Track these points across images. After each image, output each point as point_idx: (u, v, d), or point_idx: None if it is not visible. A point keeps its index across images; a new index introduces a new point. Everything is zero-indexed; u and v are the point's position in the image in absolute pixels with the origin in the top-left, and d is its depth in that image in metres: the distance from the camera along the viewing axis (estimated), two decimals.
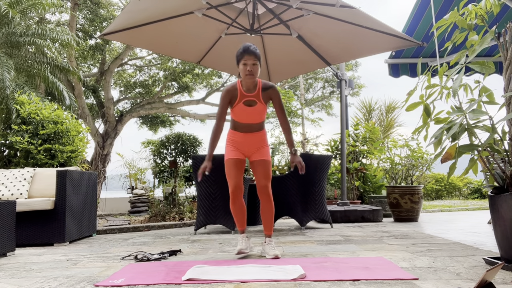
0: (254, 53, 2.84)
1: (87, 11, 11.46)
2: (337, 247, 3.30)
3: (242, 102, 2.92)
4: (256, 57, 2.85)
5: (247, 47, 2.85)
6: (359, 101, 15.68)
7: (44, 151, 5.03)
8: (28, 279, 2.35)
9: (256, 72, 2.86)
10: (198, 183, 4.48)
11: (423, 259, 2.64)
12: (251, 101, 2.93)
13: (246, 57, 2.83)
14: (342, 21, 4.44)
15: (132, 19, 4.31)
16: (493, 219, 2.43)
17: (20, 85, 7.13)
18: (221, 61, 5.64)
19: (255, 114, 2.94)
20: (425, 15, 4.99)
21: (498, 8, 2.40)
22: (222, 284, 2.08)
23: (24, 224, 3.92)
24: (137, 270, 2.49)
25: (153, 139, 7.65)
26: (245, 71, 2.84)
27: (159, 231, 5.10)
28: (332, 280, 2.10)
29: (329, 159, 4.86)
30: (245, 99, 2.92)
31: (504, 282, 1.99)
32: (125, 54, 11.82)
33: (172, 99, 14.80)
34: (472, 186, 13.69)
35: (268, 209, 2.97)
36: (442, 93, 2.48)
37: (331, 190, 7.56)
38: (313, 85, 16.23)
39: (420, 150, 6.15)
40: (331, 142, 7.90)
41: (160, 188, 7.39)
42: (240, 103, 2.92)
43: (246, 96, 2.92)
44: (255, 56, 2.84)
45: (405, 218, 5.55)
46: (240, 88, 2.93)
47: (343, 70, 6.50)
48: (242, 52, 2.85)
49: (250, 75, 2.84)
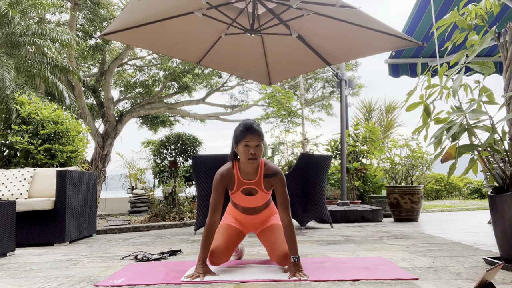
0: (258, 132, 2.30)
1: (87, 11, 11.46)
2: (337, 247, 3.30)
3: (240, 190, 2.42)
4: (260, 137, 2.32)
5: (250, 125, 2.30)
6: (359, 101, 15.67)
7: (44, 151, 5.03)
8: (28, 279, 2.35)
9: (259, 156, 2.31)
10: (198, 183, 4.48)
11: (423, 259, 2.64)
12: (251, 190, 2.42)
13: (249, 137, 2.28)
14: (342, 21, 4.43)
15: (132, 19, 4.30)
16: (493, 219, 2.43)
17: (20, 85, 7.13)
18: (221, 61, 5.64)
19: (256, 201, 2.46)
20: (425, 15, 4.99)
21: (498, 8, 2.40)
22: (222, 284, 2.08)
23: (24, 224, 3.92)
24: (137, 270, 2.49)
25: (153, 139, 7.65)
26: (247, 155, 2.28)
27: (159, 231, 5.10)
28: (332, 280, 2.10)
29: (329, 159, 4.86)
30: (243, 187, 2.41)
31: (504, 282, 1.99)
32: (125, 54, 11.83)
33: (172, 99, 14.80)
34: (472, 186, 13.69)
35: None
36: (442, 93, 2.48)
37: (331, 190, 7.56)
38: (313, 85, 16.23)
39: (420, 150, 6.15)
40: (331, 142, 7.90)
41: (160, 188, 7.39)
42: (238, 191, 2.42)
43: (244, 183, 2.40)
44: (259, 135, 2.30)
45: (405, 218, 5.55)
46: (238, 174, 2.39)
47: (343, 70, 6.50)
48: (244, 131, 2.30)
49: (253, 159, 2.29)
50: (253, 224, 2.59)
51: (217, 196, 2.37)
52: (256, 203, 2.48)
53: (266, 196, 2.46)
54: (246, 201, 2.47)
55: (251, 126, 2.30)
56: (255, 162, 2.32)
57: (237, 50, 5.39)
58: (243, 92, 15.96)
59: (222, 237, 2.42)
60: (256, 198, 2.45)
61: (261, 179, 2.39)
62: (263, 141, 2.39)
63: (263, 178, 2.39)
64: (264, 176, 2.39)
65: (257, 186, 2.40)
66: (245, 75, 7.19)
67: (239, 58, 5.60)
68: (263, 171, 2.40)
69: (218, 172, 2.40)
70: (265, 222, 2.58)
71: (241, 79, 14.34)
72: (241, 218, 2.57)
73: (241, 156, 2.33)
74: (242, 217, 2.57)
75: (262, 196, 2.44)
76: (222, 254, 2.36)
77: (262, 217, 2.58)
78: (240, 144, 2.31)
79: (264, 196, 2.46)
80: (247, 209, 2.53)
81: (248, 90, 15.93)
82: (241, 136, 2.30)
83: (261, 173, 2.39)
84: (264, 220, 2.59)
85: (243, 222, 2.59)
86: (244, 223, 2.59)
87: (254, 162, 2.32)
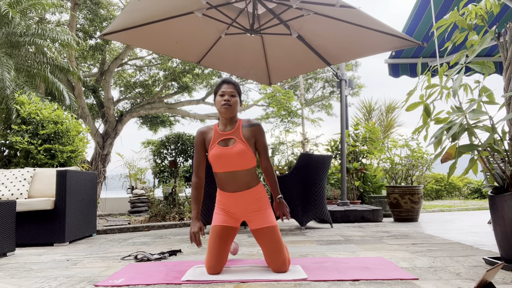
0: (234, 83, 2.42)
1: (87, 11, 11.46)
2: (337, 247, 3.30)
3: (217, 142, 2.38)
4: (235, 88, 2.41)
5: (226, 77, 2.46)
6: (359, 101, 15.69)
7: (44, 151, 5.03)
8: (28, 279, 2.35)
9: (234, 105, 2.37)
10: None
11: (423, 259, 2.64)
12: (228, 140, 2.38)
13: (224, 86, 2.39)
14: (342, 21, 4.44)
15: (132, 19, 4.30)
16: (493, 219, 2.43)
17: (20, 85, 7.13)
18: (221, 61, 5.64)
19: (234, 157, 2.33)
20: (425, 15, 4.99)
21: (498, 8, 2.40)
22: (222, 284, 2.08)
23: (24, 224, 3.92)
24: (137, 270, 2.49)
25: (153, 139, 7.65)
26: (221, 102, 2.36)
27: (159, 231, 5.10)
28: (332, 280, 2.10)
29: (329, 159, 4.86)
30: (220, 139, 2.38)
31: (504, 282, 1.99)
32: (125, 54, 11.83)
33: (172, 99, 14.81)
34: (472, 186, 13.69)
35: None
36: (442, 93, 2.48)
37: (331, 190, 7.56)
38: (313, 85, 16.23)
39: (420, 150, 6.15)
40: (331, 142, 7.90)
41: (160, 188, 7.38)
42: (215, 144, 2.37)
43: (222, 135, 2.39)
44: (234, 86, 2.41)
45: (405, 218, 5.55)
46: (216, 127, 2.44)
47: (343, 70, 6.50)
48: (221, 82, 2.44)
49: (227, 105, 2.35)
50: (242, 207, 2.40)
51: (197, 154, 2.48)
52: (233, 160, 2.33)
53: (244, 150, 2.33)
54: (223, 158, 2.33)
55: (227, 78, 2.47)
56: (228, 109, 2.36)
57: (237, 50, 5.39)
58: (243, 92, 15.96)
59: (213, 247, 2.34)
60: (233, 150, 2.33)
61: (239, 129, 2.40)
62: (240, 96, 2.45)
63: (242, 128, 2.41)
64: (242, 126, 2.42)
65: (235, 136, 2.38)
66: (245, 75, 7.19)
67: (239, 58, 5.60)
68: (241, 123, 2.44)
69: (198, 129, 2.51)
70: (258, 215, 2.38)
71: (241, 79, 14.33)
72: (227, 200, 2.41)
73: (217, 106, 2.40)
74: (228, 198, 2.40)
75: (240, 148, 2.33)
76: (217, 264, 2.32)
77: (251, 198, 2.39)
78: (217, 95, 2.42)
79: (243, 151, 2.33)
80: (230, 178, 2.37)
81: (248, 90, 15.95)
82: (218, 87, 2.43)
83: (240, 124, 2.43)
84: (257, 209, 2.40)
85: (231, 205, 2.41)
86: (233, 211, 2.42)
87: (228, 109, 2.35)
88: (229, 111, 2.37)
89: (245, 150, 2.34)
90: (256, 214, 2.40)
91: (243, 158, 2.34)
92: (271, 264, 2.31)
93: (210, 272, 2.31)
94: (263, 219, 2.37)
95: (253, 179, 2.41)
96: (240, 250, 3.22)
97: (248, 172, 2.39)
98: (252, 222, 2.40)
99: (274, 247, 2.30)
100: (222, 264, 2.34)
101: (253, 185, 2.41)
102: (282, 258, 2.30)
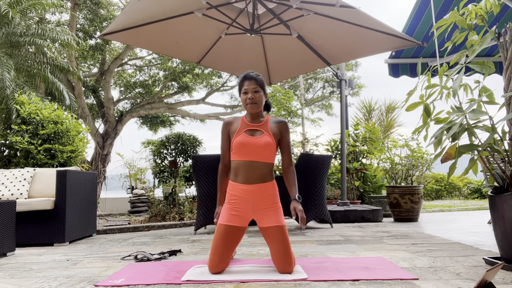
0: (255, 78, 2.42)
1: (87, 11, 11.46)
2: (337, 247, 3.30)
3: (244, 131, 2.42)
4: (258, 83, 2.41)
5: (247, 73, 2.45)
6: (359, 101, 15.70)
7: (44, 151, 5.03)
8: (28, 279, 2.35)
9: (259, 101, 2.41)
10: (198, 183, 4.48)
11: (423, 259, 2.64)
12: (255, 131, 2.43)
13: (247, 83, 2.41)
14: (342, 21, 4.44)
15: (132, 19, 4.31)
16: (493, 219, 2.43)
17: (20, 85, 7.13)
18: (221, 61, 5.65)
19: (259, 147, 2.35)
20: (425, 15, 4.99)
21: (498, 8, 2.40)
22: (222, 284, 2.08)
23: (24, 224, 3.92)
24: (137, 270, 2.49)
25: (153, 139, 7.65)
26: (246, 100, 2.41)
27: (159, 231, 5.10)
28: (332, 280, 2.10)
29: (329, 159, 4.86)
30: (248, 128, 2.43)
31: (504, 282, 1.99)
32: (125, 54, 11.83)
33: (172, 99, 14.81)
34: (472, 186, 13.70)
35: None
36: (442, 93, 2.48)
37: (331, 190, 7.56)
38: (313, 85, 16.23)
39: (420, 150, 6.15)
40: (331, 142, 7.90)
41: (160, 188, 7.38)
42: (242, 132, 2.41)
43: (249, 125, 2.44)
44: (256, 81, 2.41)
45: (405, 218, 5.55)
46: (244, 119, 2.48)
47: (343, 70, 6.50)
48: (242, 79, 2.44)
49: (252, 103, 2.39)
50: (253, 202, 2.36)
51: (223, 142, 2.51)
52: (258, 151, 2.35)
53: (270, 144, 2.37)
54: (248, 146, 2.35)
55: (248, 73, 2.45)
56: (254, 106, 2.41)
57: (237, 50, 5.40)
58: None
59: (217, 246, 2.32)
60: (260, 140, 2.36)
61: (267, 123, 2.46)
62: (263, 89, 2.46)
63: (270, 123, 2.47)
64: (270, 122, 2.48)
65: (262, 128, 2.43)
66: None
67: (239, 58, 5.60)
68: (269, 119, 2.50)
69: (224, 120, 2.55)
70: (268, 213, 2.35)
71: None
72: (240, 193, 2.37)
73: (243, 103, 2.45)
74: (242, 191, 2.37)
75: (266, 140, 2.37)
76: (218, 264, 2.31)
77: (264, 193, 2.38)
78: (241, 92, 2.45)
79: (269, 143, 2.37)
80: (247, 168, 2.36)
81: None
82: (240, 84, 2.45)
83: (268, 119, 2.49)
84: (268, 207, 2.37)
85: (244, 199, 2.36)
86: (244, 202, 2.37)
87: (253, 107, 2.40)
88: (255, 108, 2.42)
89: (271, 143, 2.39)
90: (266, 212, 2.37)
91: (267, 150, 2.38)
92: (278, 264, 2.29)
93: (212, 271, 2.30)
94: (273, 218, 2.35)
95: (269, 174, 2.43)
96: (240, 250, 3.22)
97: (267, 165, 2.40)
98: (262, 220, 2.37)
99: (282, 247, 2.29)
100: (224, 264, 2.33)
101: (268, 180, 2.42)
102: (289, 259, 2.28)
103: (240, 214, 2.38)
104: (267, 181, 2.40)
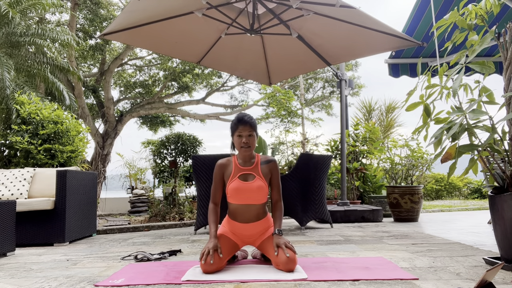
0: (250, 122, 2.53)
1: (87, 11, 11.46)
2: (337, 247, 3.30)
3: (237, 176, 2.55)
4: (252, 127, 2.53)
5: (241, 117, 2.55)
6: (359, 101, 15.70)
7: (44, 151, 5.03)
8: (28, 279, 2.35)
9: (253, 144, 2.55)
10: (198, 183, 4.48)
11: (423, 259, 2.64)
12: (248, 175, 2.57)
13: (241, 127, 2.52)
14: (342, 21, 4.44)
15: (132, 19, 4.30)
16: (493, 219, 2.43)
17: (20, 85, 7.13)
18: (221, 61, 5.64)
19: (253, 191, 2.52)
20: (425, 15, 4.99)
21: (498, 8, 2.40)
22: (222, 284, 2.08)
23: (24, 224, 3.92)
24: (137, 270, 2.49)
25: (153, 139, 7.65)
26: (240, 143, 2.53)
27: (159, 231, 5.10)
28: (332, 280, 2.10)
29: (329, 159, 4.86)
30: (241, 173, 2.56)
31: (504, 282, 1.99)
32: (125, 54, 11.83)
33: (172, 99, 14.80)
34: (472, 186, 13.70)
35: None
36: (442, 93, 2.48)
37: (331, 190, 7.56)
38: (313, 85, 16.22)
39: (420, 150, 6.15)
40: (331, 142, 7.90)
41: (160, 188, 7.39)
42: (235, 178, 2.55)
43: (242, 170, 2.57)
44: (250, 126, 2.53)
45: (405, 218, 5.55)
46: (236, 161, 2.61)
47: (343, 70, 6.50)
48: (236, 122, 2.55)
49: (246, 147, 2.53)
50: (250, 235, 2.60)
51: (215, 184, 2.63)
52: (252, 195, 2.52)
53: (262, 187, 2.53)
54: (243, 191, 2.52)
55: (242, 118, 2.55)
56: (248, 150, 2.55)
57: (237, 50, 5.39)
58: (243, 92, 15.97)
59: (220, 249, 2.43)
60: (253, 185, 2.52)
61: (258, 165, 2.60)
62: (256, 131, 2.60)
63: (260, 165, 2.61)
64: (261, 163, 2.62)
65: (254, 172, 2.58)
66: (245, 75, 7.19)
67: (239, 58, 5.60)
68: (259, 159, 2.63)
69: (217, 162, 2.64)
70: (264, 234, 2.59)
71: (241, 79, 14.34)
72: (238, 229, 2.58)
73: (236, 146, 2.58)
74: (239, 227, 2.58)
75: (259, 184, 2.53)
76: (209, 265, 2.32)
77: (260, 227, 2.59)
78: (234, 135, 2.57)
79: (262, 187, 2.53)
80: (244, 210, 2.55)
81: (248, 90, 15.94)
82: (234, 127, 2.57)
83: (258, 161, 2.62)
84: (262, 231, 2.60)
85: (240, 234, 2.59)
86: (240, 235, 2.60)
87: (247, 150, 2.55)
88: (248, 151, 2.56)
89: (263, 186, 2.55)
90: (260, 238, 2.60)
91: (260, 194, 2.55)
92: (280, 263, 2.33)
93: (203, 269, 2.32)
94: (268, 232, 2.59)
95: (263, 212, 2.62)
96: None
97: (261, 206, 2.60)
98: (257, 241, 2.61)
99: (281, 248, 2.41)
100: (215, 267, 2.33)
101: (262, 217, 2.62)
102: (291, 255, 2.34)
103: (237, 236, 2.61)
104: (261, 219, 2.61)
